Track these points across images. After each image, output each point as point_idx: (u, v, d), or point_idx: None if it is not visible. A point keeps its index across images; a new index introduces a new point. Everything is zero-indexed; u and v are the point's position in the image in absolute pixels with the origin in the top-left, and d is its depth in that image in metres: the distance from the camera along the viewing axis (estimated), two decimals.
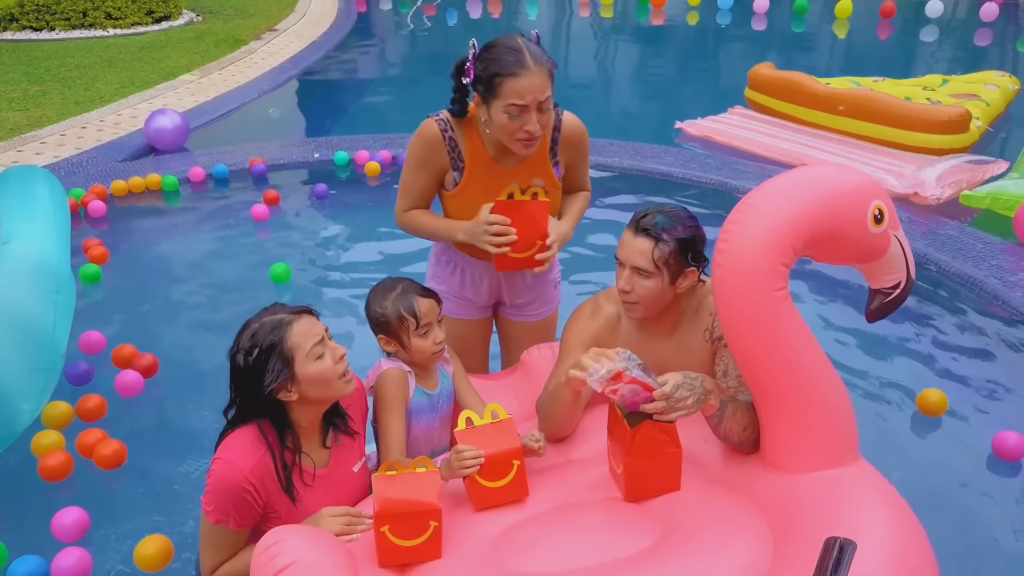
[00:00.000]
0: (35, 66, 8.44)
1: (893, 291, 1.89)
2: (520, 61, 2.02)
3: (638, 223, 1.96)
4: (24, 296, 2.37)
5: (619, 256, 2.00)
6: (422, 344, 2.09)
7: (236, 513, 1.78)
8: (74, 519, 2.33)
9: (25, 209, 2.56)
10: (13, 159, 5.78)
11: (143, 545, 2.24)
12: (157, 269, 4.30)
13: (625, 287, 1.98)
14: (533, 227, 2.17)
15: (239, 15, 11.56)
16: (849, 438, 1.85)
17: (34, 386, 2.39)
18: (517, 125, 2.07)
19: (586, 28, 12.01)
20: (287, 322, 1.79)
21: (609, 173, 5.42)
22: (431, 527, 1.71)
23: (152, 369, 3.11)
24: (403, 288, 2.10)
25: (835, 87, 6.26)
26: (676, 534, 1.75)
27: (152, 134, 5.87)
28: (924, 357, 3.41)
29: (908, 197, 4.88)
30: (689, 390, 1.81)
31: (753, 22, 11.31)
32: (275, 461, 1.81)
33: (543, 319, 2.59)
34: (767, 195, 1.78)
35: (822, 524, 1.64)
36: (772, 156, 5.72)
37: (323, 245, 4.57)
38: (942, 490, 2.64)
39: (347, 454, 1.98)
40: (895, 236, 1.84)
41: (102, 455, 2.59)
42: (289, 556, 1.55)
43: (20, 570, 2.18)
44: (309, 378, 1.79)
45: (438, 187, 2.32)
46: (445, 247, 2.45)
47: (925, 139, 5.62)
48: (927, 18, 11.37)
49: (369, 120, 7.34)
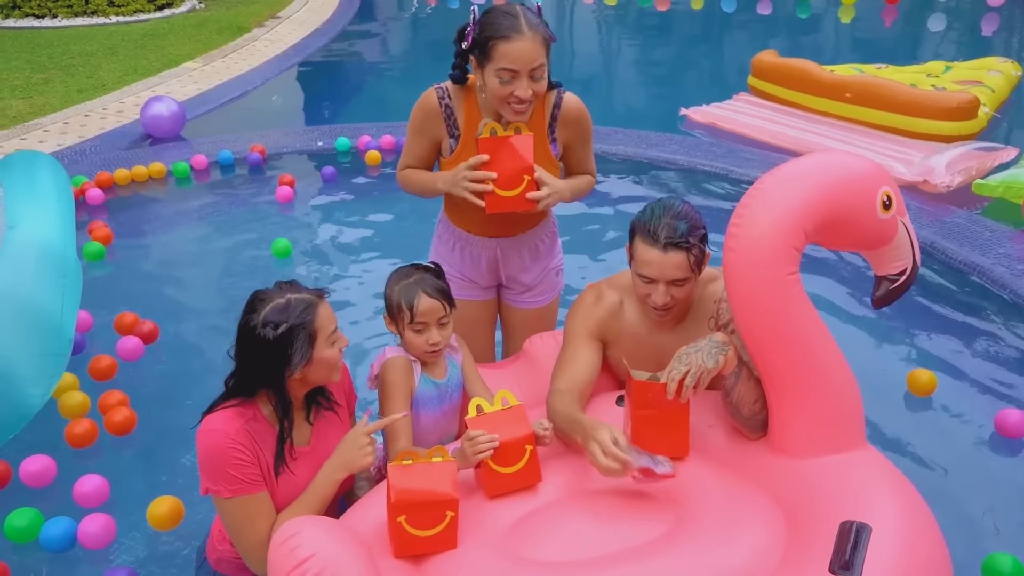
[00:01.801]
0: (37, 53, 8.42)
1: (899, 277, 1.90)
2: (514, 26, 2.04)
3: (664, 240, 1.89)
4: (31, 281, 2.37)
5: (650, 275, 1.94)
6: (415, 340, 2.07)
7: (240, 475, 1.77)
8: (95, 485, 2.44)
9: (30, 194, 2.56)
10: (16, 147, 5.77)
11: (155, 505, 2.34)
12: (160, 255, 4.31)
13: (666, 303, 1.95)
14: (518, 161, 2.14)
15: (242, 2, 11.51)
16: (857, 423, 1.86)
17: (43, 371, 2.40)
18: (508, 90, 2.08)
19: (590, 15, 11.94)
20: (315, 303, 1.82)
21: (613, 160, 5.40)
22: (447, 517, 1.71)
23: (153, 335, 3.24)
24: (417, 279, 2.07)
25: (840, 74, 6.22)
26: (690, 521, 1.75)
27: (148, 122, 5.81)
28: (929, 342, 3.41)
29: (917, 185, 4.84)
30: (696, 349, 1.83)
31: (758, 8, 11.23)
32: (280, 430, 1.83)
33: (545, 306, 2.59)
34: (779, 180, 1.79)
35: (832, 509, 1.65)
36: (779, 143, 5.69)
37: (326, 228, 4.56)
38: (948, 469, 2.67)
39: (329, 431, 1.99)
40: (902, 222, 1.85)
41: (113, 421, 2.70)
42: (309, 548, 1.56)
43: (52, 531, 2.30)
44: (321, 361, 1.82)
45: (435, 153, 2.36)
46: (445, 225, 2.47)
47: (933, 126, 5.56)
48: (933, 3, 11.28)
49: (372, 106, 7.33)
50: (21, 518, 2.31)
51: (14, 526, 2.29)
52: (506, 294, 2.58)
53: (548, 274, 2.54)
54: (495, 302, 2.61)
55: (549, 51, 2.12)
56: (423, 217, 3.68)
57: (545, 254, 2.51)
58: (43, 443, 2.66)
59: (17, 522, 2.30)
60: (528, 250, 2.46)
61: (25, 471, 2.47)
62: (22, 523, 2.30)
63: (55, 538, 2.29)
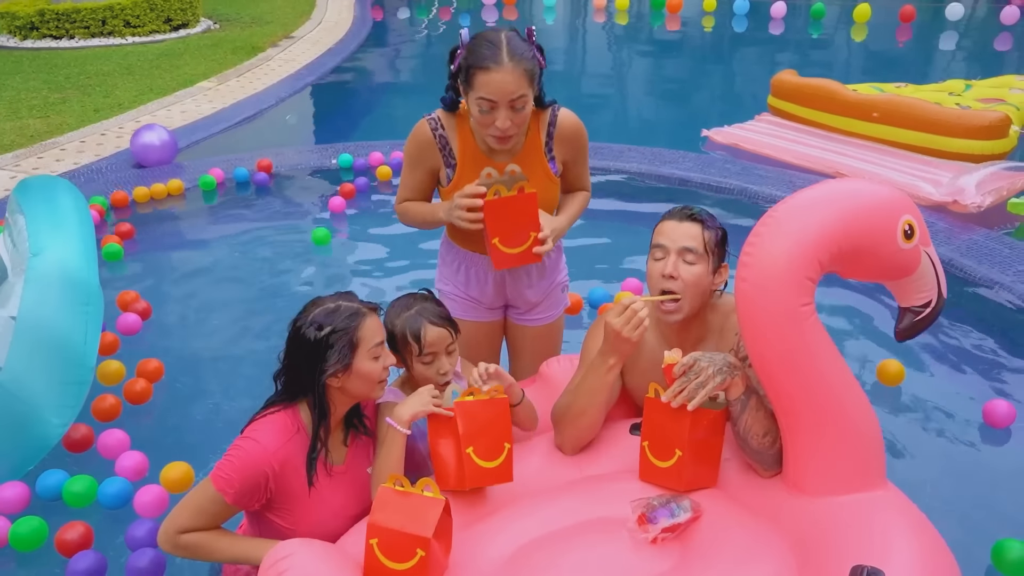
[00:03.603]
0: (55, 74, 8.52)
1: (924, 310, 1.86)
2: (494, 56, 2.01)
3: (681, 212, 1.99)
4: (54, 309, 2.37)
5: (662, 242, 1.97)
6: (425, 372, 2.04)
7: (242, 491, 1.81)
8: (135, 461, 2.60)
9: (52, 220, 2.57)
10: (34, 165, 5.83)
11: (168, 470, 2.53)
12: (178, 271, 4.35)
13: (672, 272, 1.94)
14: (524, 221, 2.16)
15: (256, 22, 11.63)
16: (876, 461, 1.80)
17: (64, 400, 2.40)
18: (489, 120, 2.08)
19: (602, 34, 11.99)
20: (363, 313, 1.86)
21: (626, 178, 5.39)
22: (417, 555, 1.64)
23: (147, 313, 3.56)
24: (419, 309, 2.04)
25: (864, 93, 6.14)
26: (695, 557, 1.71)
27: (139, 151, 5.60)
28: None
29: (946, 205, 4.78)
30: (709, 361, 1.81)
31: (770, 27, 11.23)
32: (312, 436, 1.86)
33: (550, 323, 2.58)
34: (793, 208, 1.76)
35: (847, 550, 1.60)
36: (805, 165, 5.62)
37: (343, 247, 4.61)
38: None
39: (362, 456, 2.01)
40: (926, 253, 1.80)
41: (133, 391, 2.93)
42: (297, 572, 1.55)
43: (109, 490, 2.48)
44: (360, 373, 1.86)
45: (434, 183, 2.37)
46: (449, 247, 2.47)
47: (965, 145, 5.46)
48: (947, 21, 11.25)
49: (384, 125, 7.37)
50: (78, 483, 2.47)
51: (72, 491, 2.46)
52: (512, 313, 2.57)
53: (554, 290, 2.53)
54: (500, 323, 2.60)
55: (536, 80, 2.09)
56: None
57: (551, 270, 2.50)
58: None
59: (76, 487, 2.46)
60: (534, 267, 2.44)
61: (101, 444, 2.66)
62: (80, 488, 2.46)
63: (112, 495, 2.47)
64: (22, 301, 2.38)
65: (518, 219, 2.15)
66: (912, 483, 2.07)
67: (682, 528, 1.76)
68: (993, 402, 2.92)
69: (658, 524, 1.74)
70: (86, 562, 2.19)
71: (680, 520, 1.75)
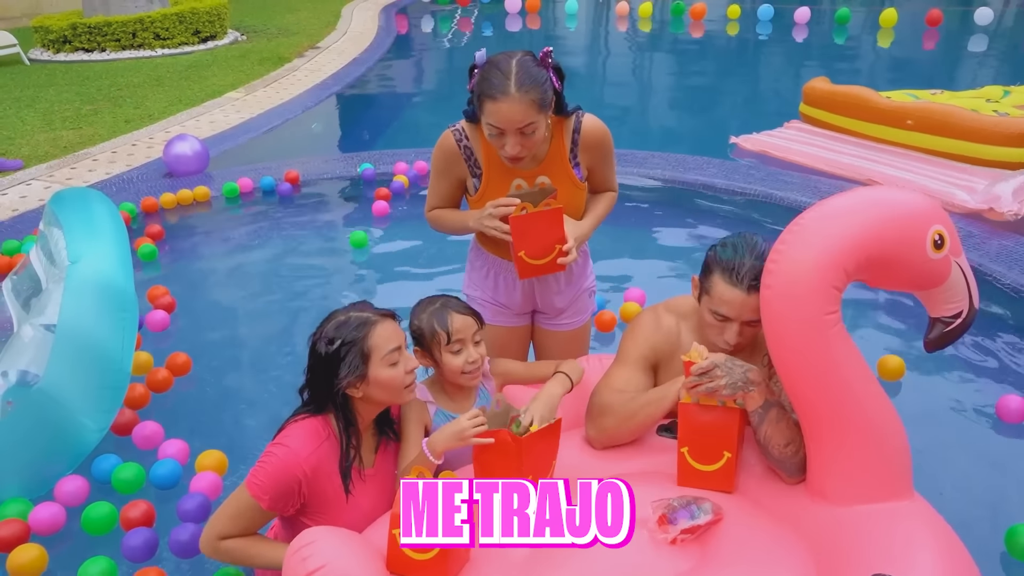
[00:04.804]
0: (87, 86, 8.70)
1: (954, 320, 1.83)
2: (502, 86, 2.02)
3: (748, 284, 1.87)
4: (93, 316, 2.42)
5: (727, 315, 1.92)
6: (453, 362, 2.07)
7: (276, 497, 1.83)
8: (177, 449, 2.71)
9: (88, 229, 2.63)
10: (67, 176, 5.95)
11: (203, 458, 2.63)
12: (209, 279, 4.41)
13: (738, 342, 1.94)
14: (550, 235, 2.19)
15: (282, 34, 11.79)
16: (901, 471, 1.77)
17: (101, 405, 2.44)
18: (499, 144, 2.12)
19: (624, 41, 11.99)
20: (372, 322, 1.86)
21: (652, 184, 5.39)
22: (435, 549, 1.64)
23: (171, 307, 3.72)
24: (442, 303, 2.11)
25: (898, 100, 6.08)
26: (714, 560, 1.69)
27: (172, 161, 5.73)
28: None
29: (982, 213, 4.72)
30: (726, 372, 1.80)
31: (794, 33, 11.19)
32: (341, 446, 1.88)
33: (577, 328, 2.59)
34: (819, 217, 1.74)
35: (868, 560, 1.58)
36: (837, 172, 5.57)
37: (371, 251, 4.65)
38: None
39: (391, 458, 2.04)
40: (956, 263, 1.78)
41: (156, 379, 3.07)
42: (320, 559, 1.57)
43: (160, 471, 2.59)
44: (379, 381, 1.86)
45: (462, 191, 2.40)
46: (478, 252, 2.49)
47: (1003, 152, 5.38)
48: (975, 26, 11.13)
49: (408, 133, 7.43)
50: (128, 471, 2.59)
51: (121, 478, 2.58)
52: (540, 319, 2.59)
53: (581, 296, 2.55)
54: (527, 328, 2.62)
55: (547, 106, 2.09)
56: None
57: (578, 276, 2.51)
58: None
59: (124, 475, 2.58)
60: (562, 274, 2.46)
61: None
62: (129, 475, 2.57)
63: (163, 476, 2.58)
64: (62, 308, 2.44)
65: (544, 233, 2.18)
66: (925, 472, 2.10)
67: (702, 530, 1.75)
68: (1006, 397, 2.96)
69: (678, 525, 1.74)
70: (142, 537, 2.32)
71: (700, 522, 1.74)
